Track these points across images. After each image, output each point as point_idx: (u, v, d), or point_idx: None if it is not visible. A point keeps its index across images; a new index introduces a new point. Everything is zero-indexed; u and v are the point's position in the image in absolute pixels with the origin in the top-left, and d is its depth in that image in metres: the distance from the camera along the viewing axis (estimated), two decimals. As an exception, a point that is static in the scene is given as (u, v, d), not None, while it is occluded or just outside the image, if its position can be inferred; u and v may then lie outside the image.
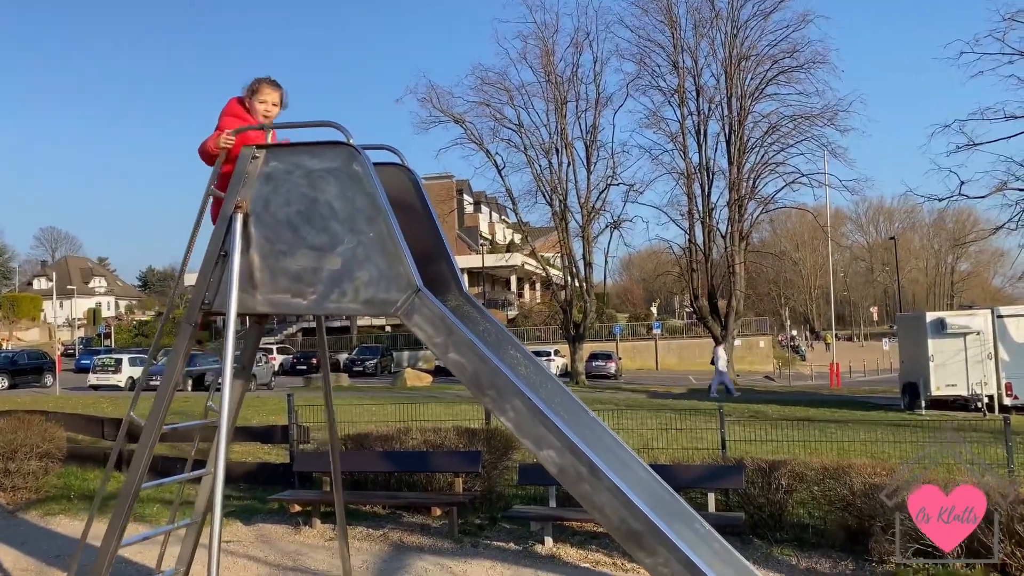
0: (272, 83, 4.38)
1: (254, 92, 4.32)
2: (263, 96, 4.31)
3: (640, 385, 37.44)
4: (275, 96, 4.34)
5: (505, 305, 62.18)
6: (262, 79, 4.40)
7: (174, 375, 3.84)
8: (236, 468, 11.72)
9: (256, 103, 4.30)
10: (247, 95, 4.35)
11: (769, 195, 37.33)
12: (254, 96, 4.31)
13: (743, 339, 53.71)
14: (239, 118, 4.20)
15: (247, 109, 4.30)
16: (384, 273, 3.58)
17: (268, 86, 4.35)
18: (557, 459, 3.33)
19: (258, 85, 4.35)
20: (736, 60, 36.51)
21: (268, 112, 4.31)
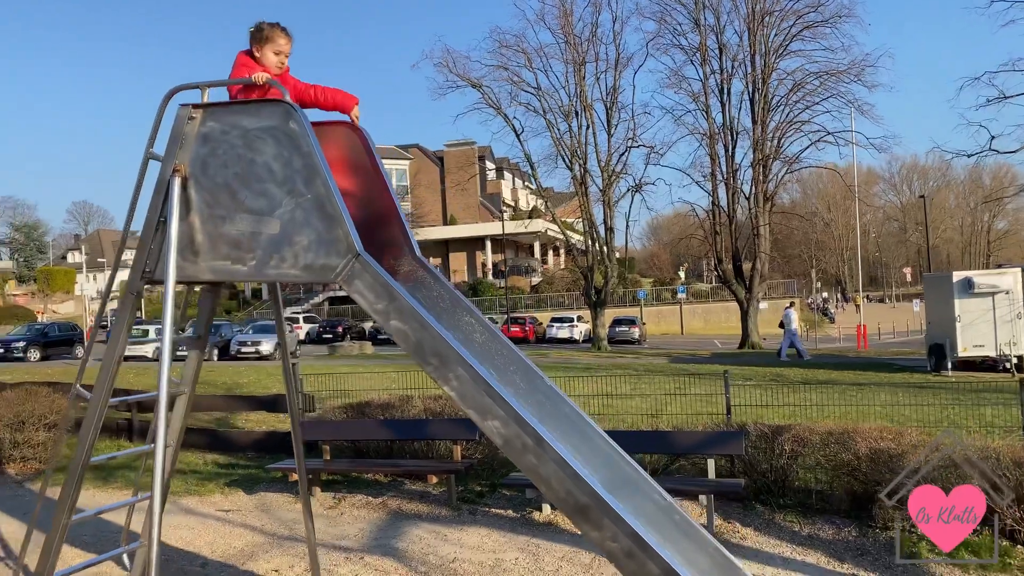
0: (285, 31, 4.03)
1: (267, 40, 3.96)
2: (278, 45, 3.97)
3: (663, 350, 37.18)
4: (289, 46, 4.02)
5: (528, 271, 61.99)
6: (274, 25, 4.02)
7: (117, 345, 3.72)
8: (244, 437, 11.78)
9: (269, 52, 3.96)
10: (256, 44, 3.97)
11: (794, 154, 36.59)
12: (265, 45, 3.96)
13: (770, 302, 53.06)
14: (250, 69, 3.86)
15: (257, 60, 3.94)
16: (323, 237, 3.41)
17: (281, 34, 4.00)
18: (502, 430, 3.17)
19: (271, 32, 3.98)
20: (759, 15, 35.54)
21: (282, 63, 4.00)
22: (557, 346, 43.51)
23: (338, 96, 4.10)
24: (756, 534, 7.21)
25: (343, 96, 4.10)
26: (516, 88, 37.15)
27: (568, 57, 36.92)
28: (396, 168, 63.85)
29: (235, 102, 3.56)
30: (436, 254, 62.86)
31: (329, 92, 4.12)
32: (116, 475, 10.05)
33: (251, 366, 29.24)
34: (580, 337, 45.71)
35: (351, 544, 7.20)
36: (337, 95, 4.10)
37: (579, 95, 37.01)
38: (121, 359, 3.77)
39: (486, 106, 37.17)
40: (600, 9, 37.18)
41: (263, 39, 3.96)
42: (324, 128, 4.02)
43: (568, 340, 45.79)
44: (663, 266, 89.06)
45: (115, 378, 3.77)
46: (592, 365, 26.80)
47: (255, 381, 22.25)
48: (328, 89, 4.13)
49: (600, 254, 37.92)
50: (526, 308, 55.57)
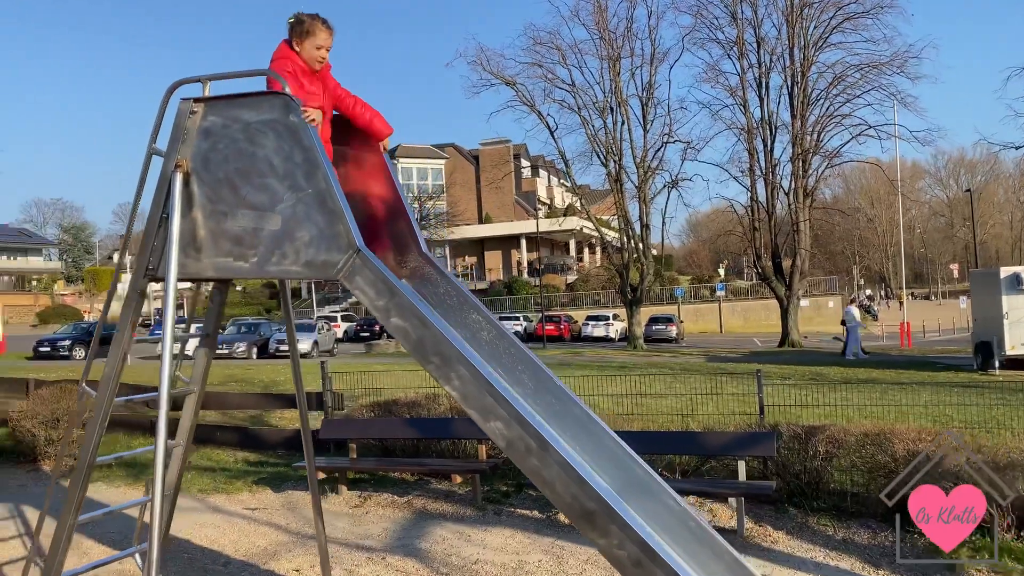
0: (326, 24, 3.81)
1: (307, 34, 3.74)
2: (318, 39, 3.76)
3: (701, 349, 36.71)
4: (330, 39, 3.80)
5: (564, 270, 61.73)
6: (314, 17, 3.79)
7: (121, 345, 3.68)
8: (275, 435, 11.83)
9: (309, 47, 3.74)
10: (296, 37, 3.76)
11: (834, 149, 35.82)
12: (305, 38, 3.74)
13: (811, 299, 52.19)
14: (292, 62, 3.71)
15: (296, 53, 3.75)
16: (324, 232, 3.33)
17: (323, 28, 3.78)
18: (505, 431, 3.05)
19: (312, 26, 3.76)
20: (798, 8, 34.89)
21: (322, 58, 3.79)
22: (592, 344, 43.26)
23: (377, 120, 3.93)
24: (788, 538, 7.00)
25: (381, 122, 3.94)
26: (550, 85, 37.03)
27: (603, 53, 36.68)
28: (432, 167, 64.05)
29: (235, 95, 3.49)
30: (472, 253, 62.93)
31: (369, 111, 3.94)
32: (148, 472, 10.13)
33: (289, 364, 29.54)
34: (616, 335, 45.38)
35: (374, 544, 7.15)
36: (377, 119, 3.93)
37: (614, 91, 36.72)
38: (126, 357, 3.72)
39: (520, 104, 37.11)
40: (635, 4, 37.05)
41: (303, 32, 3.76)
42: (332, 121, 3.91)
43: (604, 338, 45.50)
44: (702, 263, 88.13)
45: (120, 376, 3.72)
46: (627, 364, 26.54)
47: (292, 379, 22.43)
48: (370, 107, 3.95)
49: (636, 251, 37.56)
50: (561, 306, 55.37)
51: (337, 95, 3.92)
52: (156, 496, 3.33)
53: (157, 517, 3.29)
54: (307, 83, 3.74)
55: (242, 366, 28.64)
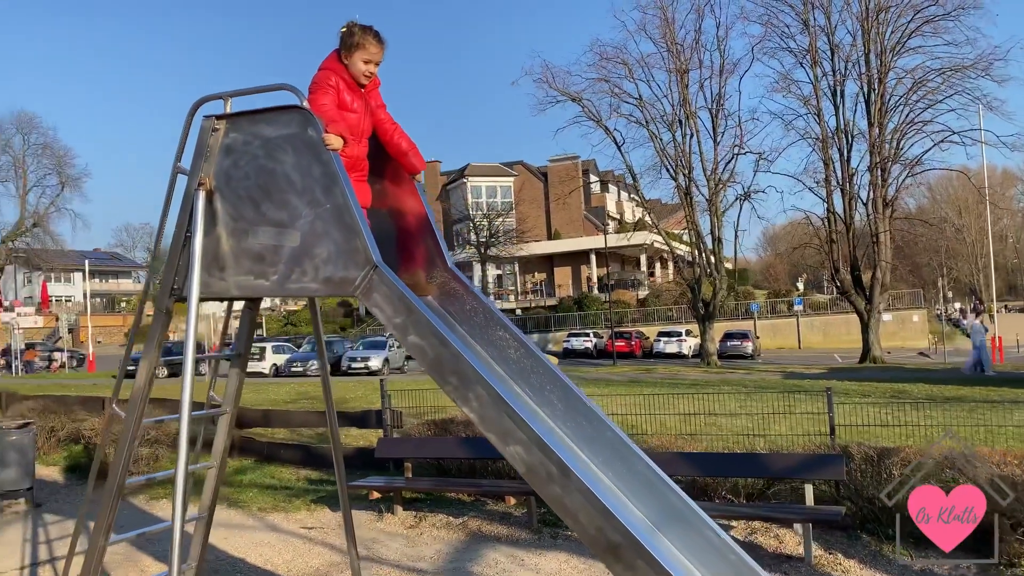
0: (378, 37, 3.65)
1: (356, 47, 3.59)
2: (368, 53, 3.60)
3: (777, 365, 35.63)
4: (380, 54, 3.66)
5: (635, 285, 60.99)
6: (367, 29, 3.63)
7: (150, 365, 3.65)
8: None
9: (358, 60, 3.59)
10: (345, 49, 3.62)
11: (915, 157, 34.39)
12: (355, 51, 3.59)
13: (894, 313, 50.18)
14: (336, 74, 3.59)
15: (345, 66, 3.61)
16: (341, 248, 3.23)
17: (374, 41, 3.62)
18: (525, 456, 2.87)
19: (363, 39, 3.60)
20: (873, 12, 33.76)
21: (370, 73, 3.64)
22: (665, 361, 42.51)
23: (412, 153, 3.79)
24: (860, 567, 6.58)
25: (416, 156, 3.81)
26: (617, 100, 36.73)
27: (671, 66, 36.23)
28: (501, 185, 64.33)
29: (255, 111, 3.44)
30: (541, 269, 62.79)
31: (407, 142, 3.80)
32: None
33: (360, 381, 29.86)
34: (689, 352, 44.50)
35: (426, 566, 7.03)
36: (412, 152, 3.79)
37: (683, 103, 36.18)
38: (153, 377, 3.69)
39: (586, 119, 36.92)
40: (703, 15, 36.32)
41: (354, 45, 3.60)
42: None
43: (676, 355, 44.68)
44: (779, 277, 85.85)
45: (148, 396, 3.69)
46: (699, 381, 25.92)
47: (362, 396, 22.61)
48: (407, 138, 3.81)
49: (708, 265, 36.80)
50: (633, 322, 54.65)
51: (378, 117, 3.79)
52: (176, 522, 3.26)
53: (176, 546, 3.22)
54: (349, 97, 3.61)
55: (315, 383, 29.13)
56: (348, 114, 3.57)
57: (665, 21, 36.24)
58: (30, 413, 12.42)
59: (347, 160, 3.50)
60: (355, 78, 3.65)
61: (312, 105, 3.41)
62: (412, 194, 3.81)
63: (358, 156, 3.63)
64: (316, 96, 3.45)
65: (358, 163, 3.63)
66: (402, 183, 3.84)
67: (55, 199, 65.60)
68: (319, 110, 3.39)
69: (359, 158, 3.63)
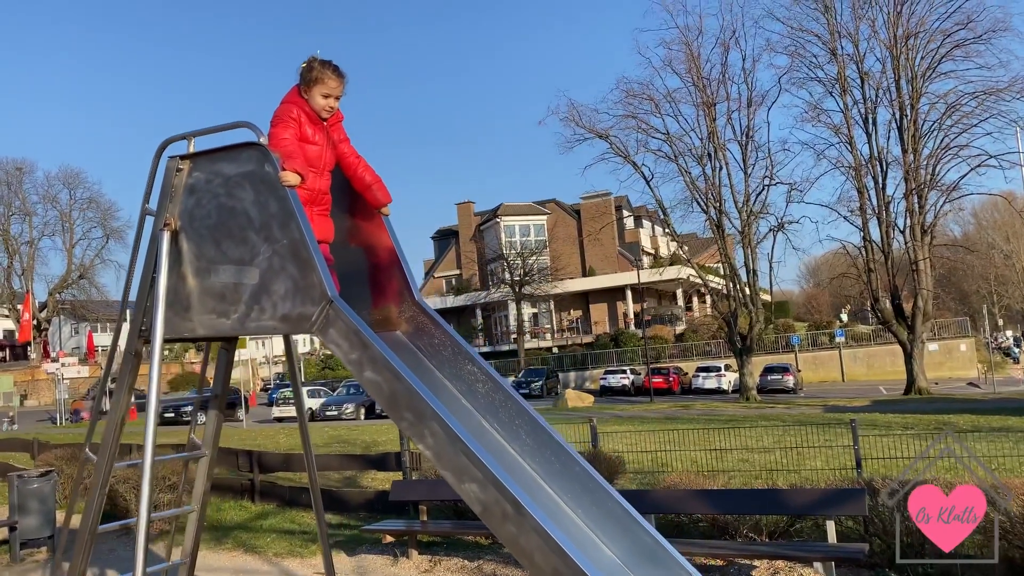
0: (337, 71, 3.63)
1: (315, 82, 3.58)
2: (327, 87, 3.59)
3: (819, 399, 34.78)
4: (340, 88, 3.64)
5: (672, 320, 60.34)
6: (325, 64, 3.62)
7: (119, 409, 3.61)
8: (356, 497, 11.75)
9: (317, 95, 3.59)
10: (304, 84, 3.61)
11: (952, 182, 33.68)
12: (314, 85, 3.58)
13: (940, 343, 48.86)
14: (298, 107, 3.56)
15: (305, 100, 3.60)
16: (298, 284, 3.18)
17: (333, 76, 3.61)
18: (480, 494, 2.75)
19: (322, 74, 3.59)
20: (903, 39, 33.43)
21: (331, 107, 3.63)
22: (704, 397, 41.76)
23: (376, 187, 3.74)
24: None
25: (381, 189, 3.76)
26: (645, 135, 36.71)
27: (698, 100, 36.17)
28: (534, 223, 64.51)
29: (215, 149, 3.43)
30: (576, 306, 62.50)
31: (371, 175, 3.75)
32: (229, 535, 10.23)
33: (392, 424, 29.82)
34: (728, 387, 43.68)
35: (436, 611, 6.84)
36: (376, 185, 3.75)
37: (711, 137, 36.04)
38: (124, 421, 3.65)
39: (614, 155, 36.92)
40: (729, 49, 36.27)
41: (313, 79, 3.60)
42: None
43: (716, 390, 43.87)
44: (822, 309, 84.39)
45: (119, 440, 3.65)
46: (736, 417, 25.37)
47: (394, 439, 22.55)
48: (372, 172, 3.77)
49: (743, 298, 36.26)
50: (670, 358, 53.93)
51: (342, 151, 3.76)
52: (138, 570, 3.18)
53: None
54: (310, 131, 3.59)
55: (348, 427, 29.15)
56: (309, 147, 3.55)
57: (690, 56, 36.33)
58: (58, 461, 12.54)
59: (309, 194, 3.46)
60: (316, 112, 3.63)
61: (272, 139, 3.40)
62: (380, 228, 3.76)
63: (320, 189, 3.59)
64: (276, 130, 3.43)
65: (320, 197, 3.60)
66: (371, 218, 3.79)
67: (100, 251, 67.41)
68: (278, 144, 3.36)
69: (321, 191, 3.60)
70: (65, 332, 77.16)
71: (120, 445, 4.89)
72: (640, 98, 36.71)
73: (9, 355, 71.99)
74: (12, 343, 71.58)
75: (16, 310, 62.93)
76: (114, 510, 11.38)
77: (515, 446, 3.22)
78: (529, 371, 50.36)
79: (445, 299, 65.67)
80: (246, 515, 11.59)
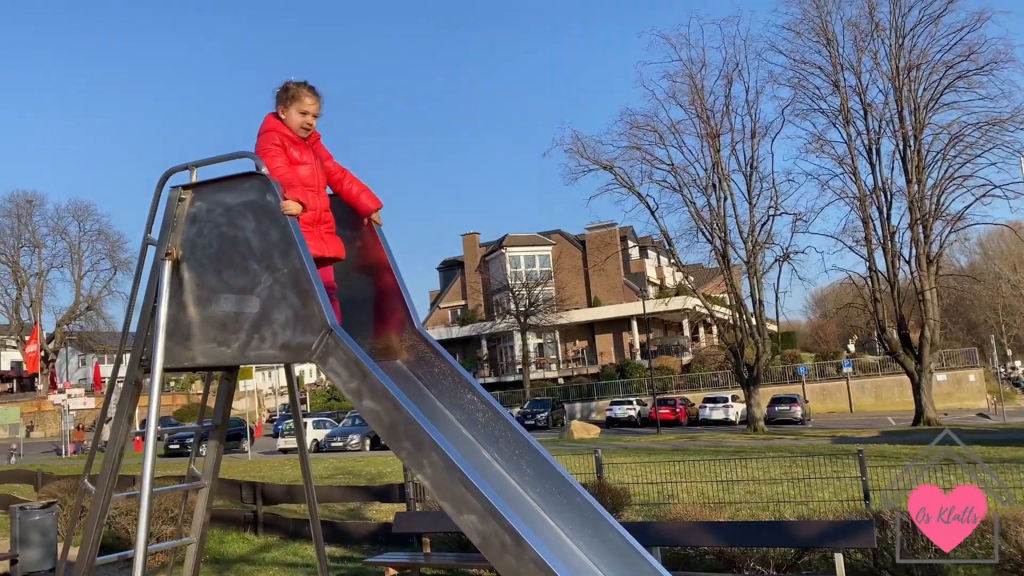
0: (312, 90, 3.70)
1: (292, 100, 3.65)
2: (303, 105, 3.65)
3: (827, 430, 34.49)
4: (316, 106, 3.69)
5: (679, 351, 60.12)
6: (300, 84, 3.70)
7: (119, 439, 3.60)
8: (360, 529, 11.66)
9: (294, 113, 3.64)
10: (281, 104, 3.67)
11: (957, 212, 33.68)
12: (291, 104, 3.65)
13: (949, 373, 48.52)
14: (278, 133, 3.61)
15: (282, 122, 3.65)
16: (299, 313, 3.18)
17: (308, 93, 3.67)
18: (479, 525, 2.72)
19: (297, 91, 3.66)
20: (905, 71, 33.67)
21: (309, 124, 3.68)
22: (711, 428, 41.46)
23: (364, 195, 3.79)
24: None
25: (369, 196, 3.80)
26: (649, 166, 36.88)
27: (702, 131, 36.39)
28: (539, 254, 64.62)
29: (217, 179, 3.46)
30: (582, 337, 62.34)
31: (357, 185, 3.81)
32: (231, 568, 10.13)
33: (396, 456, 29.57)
34: (736, 418, 43.37)
35: (438, 646, 6.74)
36: (364, 193, 3.80)
37: (715, 167, 36.20)
38: (123, 452, 3.64)
39: (618, 186, 37.07)
40: (732, 81, 36.54)
41: (288, 98, 3.66)
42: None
43: (723, 421, 43.56)
44: (829, 339, 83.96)
45: (118, 471, 3.63)
46: (743, 448, 25.15)
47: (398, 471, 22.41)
48: (358, 182, 3.84)
49: (750, 328, 36.14)
50: (677, 388, 53.63)
51: (326, 167, 3.81)
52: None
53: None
54: (297, 152, 3.63)
55: (353, 458, 28.96)
56: (301, 168, 3.59)
57: (694, 89, 36.60)
58: (61, 493, 12.48)
59: (312, 214, 3.50)
60: (295, 132, 3.67)
61: (260, 141, 3.45)
62: (380, 254, 3.76)
63: (321, 207, 3.63)
64: (267, 161, 3.46)
65: (322, 215, 3.63)
66: (370, 245, 3.81)
67: (108, 282, 67.67)
68: (274, 174, 3.40)
69: (322, 209, 3.63)
70: (72, 363, 77.25)
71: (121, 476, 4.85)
72: (644, 129, 37.00)
73: (16, 386, 72.01)
74: (20, 374, 71.65)
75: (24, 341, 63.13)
76: (116, 542, 11.30)
77: (515, 476, 3.19)
78: (535, 402, 50.13)
79: (450, 329, 65.60)
80: (249, 547, 11.49)
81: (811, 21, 35.51)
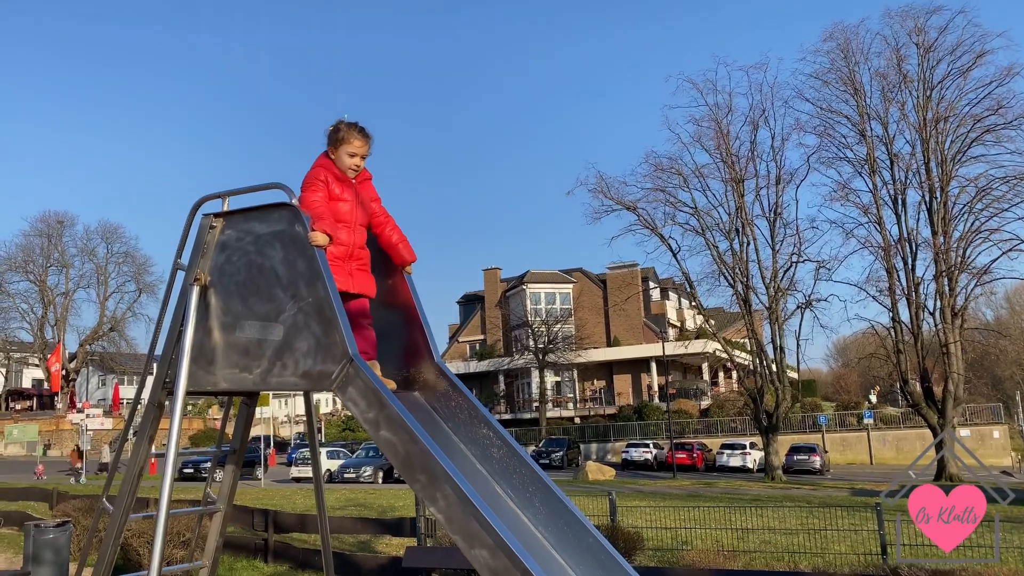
0: (362, 132, 3.80)
1: (341, 142, 3.75)
2: (352, 147, 3.75)
3: (846, 481, 33.93)
4: (365, 148, 3.79)
5: (698, 395, 59.58)
6: (351, 125, 3.80)
7: (138, 460, 3.65)
8: (370, 562, 11.58)
9: (343, 155, 3.75)
10: (331, 145, 3.78)
11: (983, 266, 33.34)
12: (340, 146, 3.75)
13: (972, 428, 47.66)
14: (325, 170, 3.71)
15: (332, 162, 3.76)
16: (321, 342, 3.24)
17: (358, 136, 3.77)
18: (490, 561, 2.73)
19: (347, 134, 3.76)
20: (932, 123, 33.63)
21: (357, 166, 3.78)
22: (728, 475, 40.90)
23: (402, 245, 3.90)
24: None
25: (407, 248, 3.91)
26: (673, 208, 36.95)
27: (726, 176, 36.46)
28: (560, 292, 64.67)
29: (248, 209, 3.55)
30: (600, 376, 62.02)
31: (398, 234, 3.91)
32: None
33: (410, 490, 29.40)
34: (754, 465, 42.76)
35: None
36: (403, 244, 3.90)
37: (739, 212, 36.20)
38: (142, 474, 3.69)
39: (641, 227, 37.13)
40: (758, 127, 36.69)
41: (339, 140, 3.76)
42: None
43: (740, 468, 42.95)
44: (851, 389, 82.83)
45: (136, 492, 3.68)
46: (760, 496, 24.79)
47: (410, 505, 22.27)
48: (399, 231, 3.93)
49: (770, 375, 35.80)
50: (695, 433, 53.06)
51: (372, 211, 3.90)
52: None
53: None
54: (339, 189, 3.72)
55: (366, 490, 28.85)
56: (340, 204, 3.68)
57: (719, 133, 36.76)
58: (75, 512, 12.54)
59: (345, 248, 3.58)
60: (343, 171, 3.78)
61: (302, 202, 3.53)
62: (405, 289, 3.83)
63: (356, 244, 3.71)
64: (306, 193, 3.57)
65: (356, 251, 3.71)
66: (399, 285, 3.88)
67: (132, 304, 68.42)
68: (308, 206, 3.49)
69: (356, 246, 3.71)
70: (92, 383, 77.89)
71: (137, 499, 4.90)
72: (668, 172, 37.14)
73: (36, 404, 72.67)
74: (40, 392, 72.33)
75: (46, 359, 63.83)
76: (126, 564, 11.31)
77: (528, 514, 3.20)
78: (550, 440, 49.76)
79: (469, 364, 65.51)
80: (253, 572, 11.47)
81: (838, 71, 35.68)
